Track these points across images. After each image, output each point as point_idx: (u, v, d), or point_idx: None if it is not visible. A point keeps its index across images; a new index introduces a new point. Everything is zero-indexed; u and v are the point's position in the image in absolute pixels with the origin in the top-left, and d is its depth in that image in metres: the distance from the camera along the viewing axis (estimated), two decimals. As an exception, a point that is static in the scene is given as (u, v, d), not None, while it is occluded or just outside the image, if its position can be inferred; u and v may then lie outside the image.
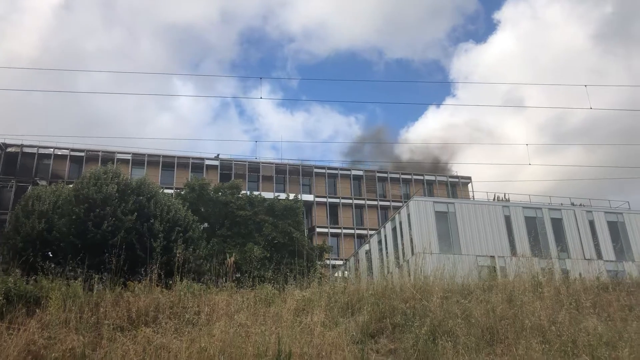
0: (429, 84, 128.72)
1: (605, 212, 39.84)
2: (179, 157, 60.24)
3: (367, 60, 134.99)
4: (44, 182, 49.91)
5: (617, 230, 38.72)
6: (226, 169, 61.83)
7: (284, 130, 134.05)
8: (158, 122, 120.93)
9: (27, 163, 56.33)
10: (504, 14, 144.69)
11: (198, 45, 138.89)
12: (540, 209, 39.07)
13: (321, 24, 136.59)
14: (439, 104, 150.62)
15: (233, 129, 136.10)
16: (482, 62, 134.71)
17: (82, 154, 57.55)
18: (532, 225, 37.38)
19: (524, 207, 38.86)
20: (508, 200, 45.85)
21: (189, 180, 39.47)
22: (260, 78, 29.91)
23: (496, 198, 49.03)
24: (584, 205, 42.66)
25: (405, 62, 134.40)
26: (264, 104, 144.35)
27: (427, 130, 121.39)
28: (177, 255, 16.00)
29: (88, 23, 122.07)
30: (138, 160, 58.74)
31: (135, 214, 21.77)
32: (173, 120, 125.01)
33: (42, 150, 57.28)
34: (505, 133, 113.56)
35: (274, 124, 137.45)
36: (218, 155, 63.40)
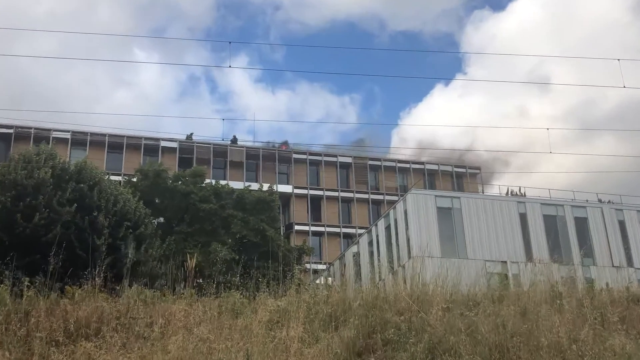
0: (437, 59, 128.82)
1: (639, 212, 40.41)
2: (129, 138, 59.70)
3: (367, 33, 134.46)
4: (-38, 165, 49.14)
5: (651, 233, 39.32)
6: (186, 152, 61.50)
7: (263, 112, 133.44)
8: (114, 99, 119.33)
9: (-59, 141, 55.43)
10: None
11: (166, 11, 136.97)
12: (562, 206, 39.50)
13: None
14: (448, 80, 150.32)
15: (203, 108, 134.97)
16: (499, 34, 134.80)
17: (10, 130, 56.75)
18: (552, 225, 37.81)
19: (542, 204, 39.26)
20: (524, 195, 46.34)
21: (142, 165, 39.23)
22: (230, 42, 29.63)
23: (510, 192, 49.54)
24: (613, 203, 43.27)
25: (412, 34, 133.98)
26: (240, 82, 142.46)
27: (432, 113, 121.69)
28: (127, 256, 15.91)
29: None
30: (79, 140, 58.14)
31: (75, 205, 21.55)
32: (132, 98, 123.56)
33: (-40, 126, 56.42)
34: (525, 117, 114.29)
35: (251, 104, 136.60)
36: (191, 134, 63.38)
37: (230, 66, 27.23)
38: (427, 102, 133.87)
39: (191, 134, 64.01)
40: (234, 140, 65.35)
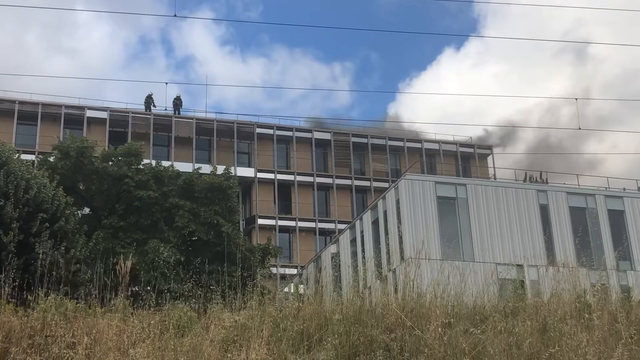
0: (450, 22, 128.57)
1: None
2: (45, 106, 59.06)
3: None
4: None
5: (703, 230, 39.88)
6: (119, 125, 61.02)
7: (232, 84, 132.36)
8: (47, 66, 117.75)
9: None
10: None
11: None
12: (593, 195, 39.91)
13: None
14: (460, 40, 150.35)
15: (157, 77, 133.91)
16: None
17: None
18: (580, 219, 38.25)
19: (568, 193, 39.66)
20: (545, 182, 46.75)
21: (62, 140, 38.83)
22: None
23: (529, 178, 49.90)
24: (656, 192, 43.73)
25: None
26: (202, 45, 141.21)
27: (438, 84, 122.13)
28: (41, 256, 15.78)
29: None
30: (-20, 108, 57.49)
31: (-25, 191, 21.42)
32: (71, 65, 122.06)
33: None
34: (552, 89, 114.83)
35: (216, 73, 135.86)
36: (150, 95, 62.31)
37: (175, 15, 27.02)
38: (432, 71, 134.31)
39: (150, 94, 62.93)
40: (177, 104, 64.10)
